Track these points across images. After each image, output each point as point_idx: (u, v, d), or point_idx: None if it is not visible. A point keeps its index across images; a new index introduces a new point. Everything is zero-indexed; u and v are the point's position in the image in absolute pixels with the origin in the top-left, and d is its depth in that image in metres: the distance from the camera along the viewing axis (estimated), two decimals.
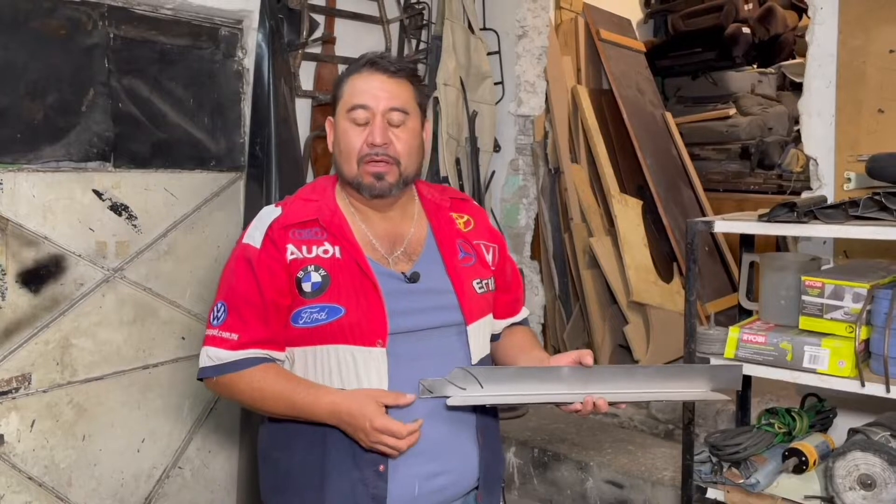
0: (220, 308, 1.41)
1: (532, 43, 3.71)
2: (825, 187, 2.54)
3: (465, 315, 1.47)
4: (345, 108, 1.43)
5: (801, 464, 2.03)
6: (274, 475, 1.48)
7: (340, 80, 1.48)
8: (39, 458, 2.13)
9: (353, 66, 1.47)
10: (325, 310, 1.37)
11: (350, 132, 1.42)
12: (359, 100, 1.42)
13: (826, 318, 1.93)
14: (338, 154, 1.46)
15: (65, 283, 2.17)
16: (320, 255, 1.40)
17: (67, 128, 2.16)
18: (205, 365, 1.41)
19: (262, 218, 1.45)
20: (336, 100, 1.47)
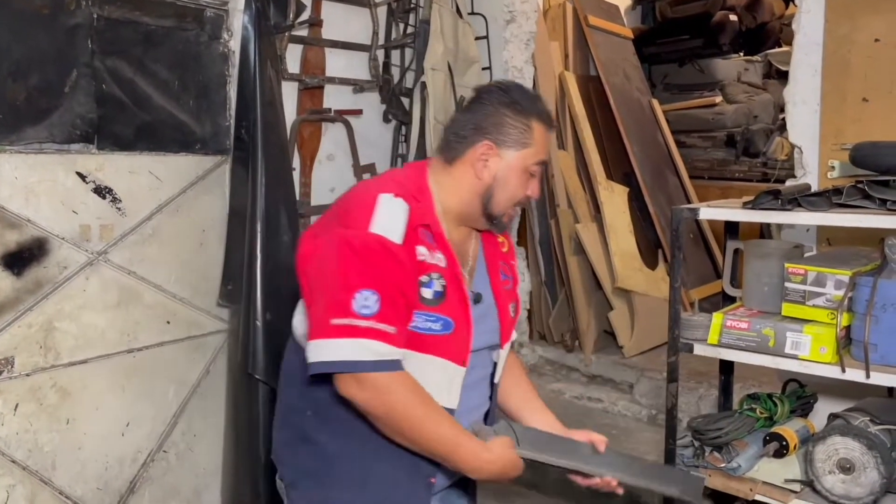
0: (367, 296, 1.27)
1: (520, 28, 3.70)
2: (809, 175, 2.56)
3: (502, 338, 1.53)
4: (533, 158, 1.45)
5: (781, 448, 2.06)
6: (314, 460, 1.43)
7: (527, 121, 1.45)
8: (23, 442, 2.12)
9: (541, 115, 1.47)
10: (441, 321, 1.35)
11: (523, 180, 1.46)
12: (544, 156, 1.48)
13: (808, 304, 1.95)
14: (498, 189, 1.44)
15: (48, 266, 2.15)
16: (438, 263, 1.37)
17: (50, 109, 2.13)
18: (363, 359, 1.26)
19: (395, 210, 1.34)
20: (515, 139, 1.44)
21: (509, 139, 1.44)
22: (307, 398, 1.44)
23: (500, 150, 1.44)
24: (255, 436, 2.43)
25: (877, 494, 1.87)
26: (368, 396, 1.29)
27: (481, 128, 1.44)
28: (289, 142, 2.68)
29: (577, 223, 3.81)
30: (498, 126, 1.44)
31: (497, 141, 1.44)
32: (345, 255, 1.30)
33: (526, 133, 1.44)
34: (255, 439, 2.44)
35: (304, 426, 1.45)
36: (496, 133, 1.44)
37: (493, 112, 1.45)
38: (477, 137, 1.44)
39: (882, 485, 1.86)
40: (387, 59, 3.15)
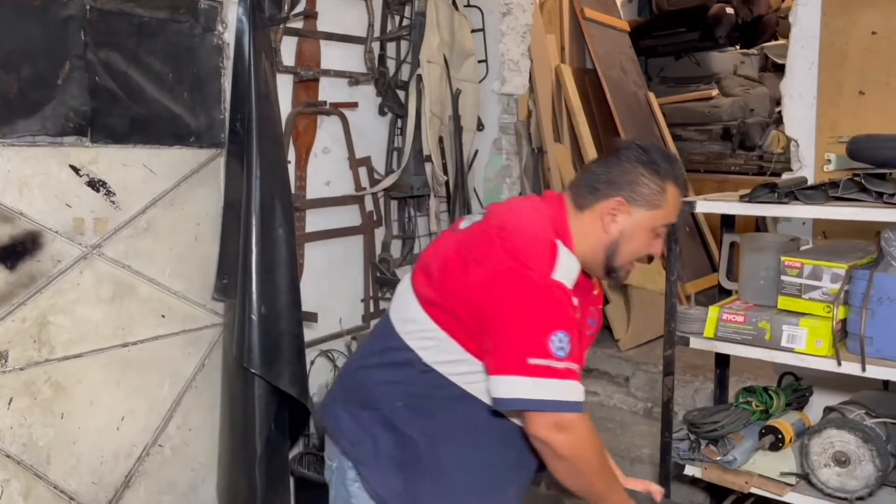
0: (562, 338, 1.33)
1: (516, 20, 3.68)
2: (806, 168, 2.56)
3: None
4: (662, 219, 1.50)
5: (777, 441, 2.06)
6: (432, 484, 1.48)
7: (663, 183, 1.49)
8: (17, 436, 2.11)
9: (676, 179, 1.50)
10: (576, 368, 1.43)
11: (650, 239, 1.51)
12: (674, 219, 1.53)
13: (804, 298, 1.96)
14: (625, 246, 1.48)
15: (42, 260, 2.14)
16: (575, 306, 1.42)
17: (43, 101, 2.11)
18: (566, 399, 1.34)
19: (571, 265, 1.42)
20: (649, 199, 1.47)
21: (641, 198, 1.48)
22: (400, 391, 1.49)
23: (630, 208, 1.48)
24: (251, 429, 2.43)
25: (872, 487, 1.88)
26: (564, 438, 1.35)
27: (615, 183, 1.48)
28: (284, 135, 2.67)
29: None
30: (632, 184, 1.48)
31: (629, 198, 1.48)
32: (537, 296, 1.35)
33: (659, 195, 1.48)
34: (250, 433, 2.43)
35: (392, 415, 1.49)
36: (629, 191, 1.48)
37: (630, 170, 1.49)
38: (610, 192, 1.48)
39: (877, 478, 1.87)
40: (382, 51, 3.13)
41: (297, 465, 2.74)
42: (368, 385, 1.53)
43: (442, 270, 1.45)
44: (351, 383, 1.59)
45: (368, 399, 1.52)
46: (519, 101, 3.76)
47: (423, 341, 1.46)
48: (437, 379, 1.44)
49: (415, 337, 1.47)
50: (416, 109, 3.16)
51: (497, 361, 1.36)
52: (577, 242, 1.47)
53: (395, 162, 3.23)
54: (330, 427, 1.57)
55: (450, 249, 1.47)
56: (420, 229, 3.37)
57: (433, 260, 1.50)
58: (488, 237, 1.42)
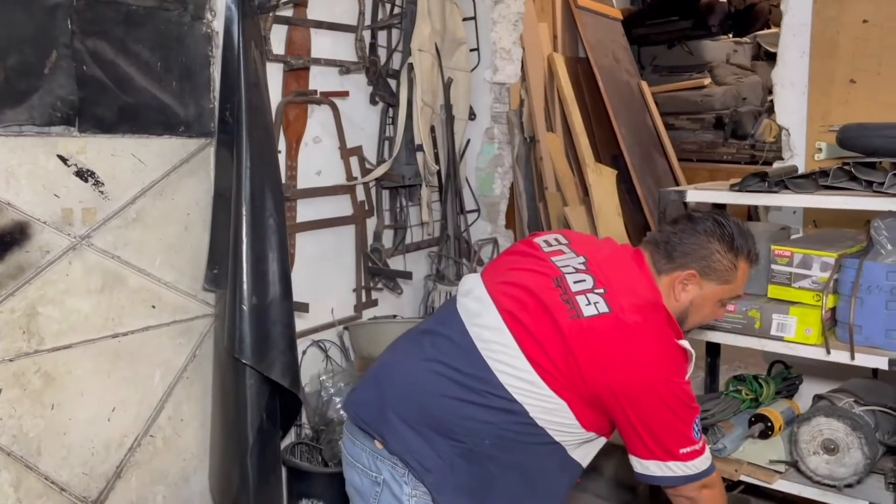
0: (698, 422, 1.56)
1: (508, 9, 3.67)
2: (797, 157, 2.56)
3: None
4: (729, 293, 1.61)
5: (766, 429, 2.07)
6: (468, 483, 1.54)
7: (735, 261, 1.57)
8: (7, 428, 2.10)
9: (749, 256, 1.60)
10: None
11: (716, 308, 1.64)
12: (741, 292, 1.65)
13: (794, 286, 1.96)
14: (694, 313, 1.60)
15: (30, 251, 2.12)
16: None
17: (29, 91, 2.09)
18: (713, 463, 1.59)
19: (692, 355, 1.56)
20: (721, 274, 1.57)
21: (713, 273, 1.56)
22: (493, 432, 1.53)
23: (702, 281, 1.56)
24: (242, 419, 2.43)
25: (861, 475, 1.89)
26: (709, 493, 1.58)
27: (691, 255, 1.56)
28: (274, 124, 2.65)
29: (565, 206, 3.81)
30: (707, 258, 1.56)
31: (702, 272, 1.56)
32: (685, 401, 1.53)
33: (731, 271, 1.57)
34: (242, 423, 2.43)
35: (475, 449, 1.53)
36: (703, 264, 1.56)
37: (705, 243, 1.56)
38: (686, 262, 1.56)
39: (866, 465, 1.88)
40: (373, 40, 3.11)
41: (288, 455, 2.74)
42: (453, 418, 1.52)
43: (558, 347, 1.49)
44: (416, 400, 1.56)
45: (451, 429, 1.52)
46: (511, 90, 3.75)
47: (534, 399, 1.50)
48: (536, 430, 1.51)
49: (523, 393, 1.50)
50: (408, 98, 3.15)
51: (646, 450, 1.54)
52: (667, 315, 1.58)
53: (387, 151, 3.22)
54: (394, 445, 1.54)
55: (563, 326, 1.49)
56: (412, 219, 3.37)
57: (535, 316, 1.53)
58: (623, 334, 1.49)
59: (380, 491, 1.54)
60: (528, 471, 1.55)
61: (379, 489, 1.54)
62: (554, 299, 1.51)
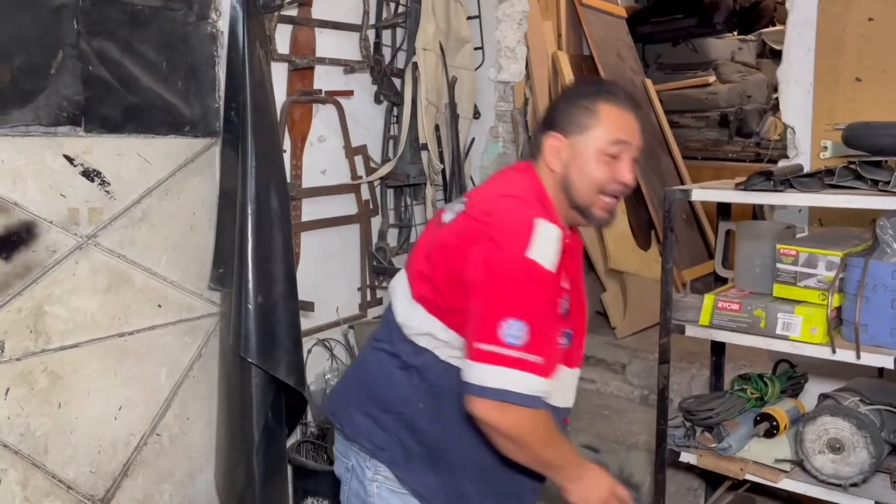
0: (516, 326, 1.28)
1: (512, 7, 3.66)
2: (802, 156, 2.55)
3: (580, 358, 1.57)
4: (604, 139, 1.43)
5: (772, 428, 2.07)
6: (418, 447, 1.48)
7: (589, 104, 1.44)
8: (15, 426, 2.12)
9: (607, 97, 1.46)
10: (567, 335, 1.43)
11: (601, 164, 1.43)
12: (622, 135, 1.44)
13: (800, 285, 1.96)
14: (575, 177, 1.44)
15: (37, 250, 2.13)
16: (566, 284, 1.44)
17: (36, 91, 2.10)
18: (511, 389, 1.28)
19: (551, 236, 1.34)
20: (579, 124, 1.44)
21: (573, 126, 1.45)
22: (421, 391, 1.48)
23: (567, 139, 1.45)
24: (248, 418, 2.44)
25: (866, 474, 1.89)
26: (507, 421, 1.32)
27: (549, 121, 1.49)
28: (279, 123, 2.66)
29: None
30: (563, 116, 1.47)
31: (563, 130, 1.46)
32: (497, 280, 1.32)
33: (589, 115, 1.44)
34: (247, 421, 2.44)
35: (417, 421, 1.48)
36: (562, 123, 1.46)
37: (560, 105, 1.50)
38: (546, 131, 1.48)
39: (871, 464, 1.88)
40: (378, 39, 3.12)
41: (294, 454, 2.75)
42: (389, 389, 1.51)
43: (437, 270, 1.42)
44: (365, 385, 1.57)
45: (390, 402, 1.51)
46: (515, 88, 3.74)
47: (436, 341, 1.45)
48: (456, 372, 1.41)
49: (425, 338, 1.46)
50: (412, 97, 3.15)
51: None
52: (554, 199, 1.46)
53: (391, 150, 3.22)
54: (348, 431, 1.56)
55: (439, 245, 1.44)
56: (416, 218, 3.37)
57: (423, 261, 1.48)
58: (475, 228, 1.39)
59: (349, 477, 1.57)
60: (470, 421, 1.40)
61: (349, 475, 1.57)
62: (428, 233, 1.53)
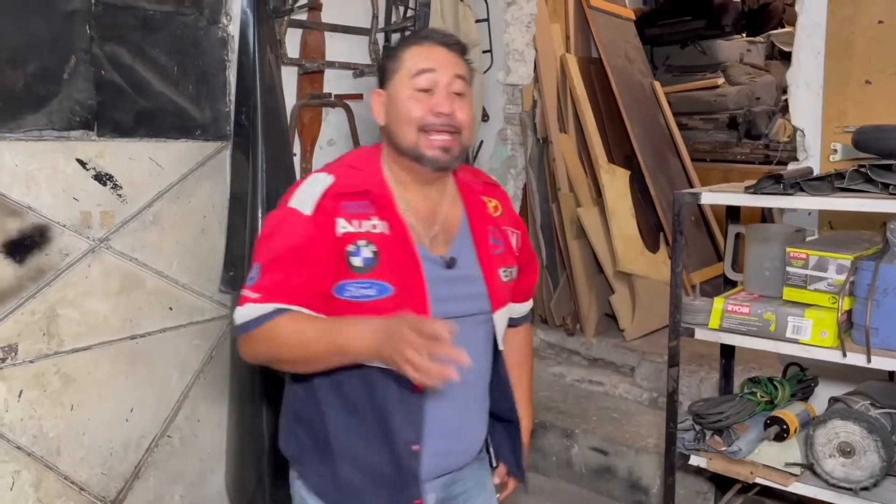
0: (255, 270, 1.36)
1: (521, 10, 3.67)
2: (812, 158, 2.55)
3: (492, 304, 1.48)
4: (407, 74, 1.41)
5: (782, 432, 2.07)
6: (306, 437, 1.48)
7: (395, 52, 1.46)
8: (28, 428, 2.14)
9: (409, 40, 1.47)
10: (375, 286, 1.35)
11: (412, 100, 1.40)
12: (425, 64, 1.40)
13: (810, 289, 1.96)
14: (394, 123, 1.42)
15: (50, 254, 2.15)
16: (370, 230, 1.37)
17: (49, 96, 2.12)
18: (236, 324, 1.36)
19: (314, 184, 1.40)
20: (389, 71, 1.44)
21: (385, 76, 1.46)
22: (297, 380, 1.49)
23: (385, 91, 1.46)
24: (258, 420, 2.45)
25: (877, 478, 1.88)
26: (257, 351, 1.37)
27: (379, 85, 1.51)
28: (289, 127, 2.67)
29: (578, 207, 3.80)
30: (379, 74, 1.49)
31: (381, 84, 1.47)
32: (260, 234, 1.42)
33: (397, 62, 1.44)
34: (258, 424, 2.45)
35: (297, 406, 1.51)
36: (380, 78, 1.48)
37: (381, 65, 1.50)
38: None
39: (882, 468, 1.87)
40: (387, 42, 3.12)
41: None
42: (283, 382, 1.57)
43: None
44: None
45: (285, 395, 1.56)
46: (524, 91, 3.75)
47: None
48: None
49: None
50: None
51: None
52: (386, 163, 1.46)
53: None
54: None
55: None
56: None
57: None
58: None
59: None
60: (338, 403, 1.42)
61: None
62: None
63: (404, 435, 1.38)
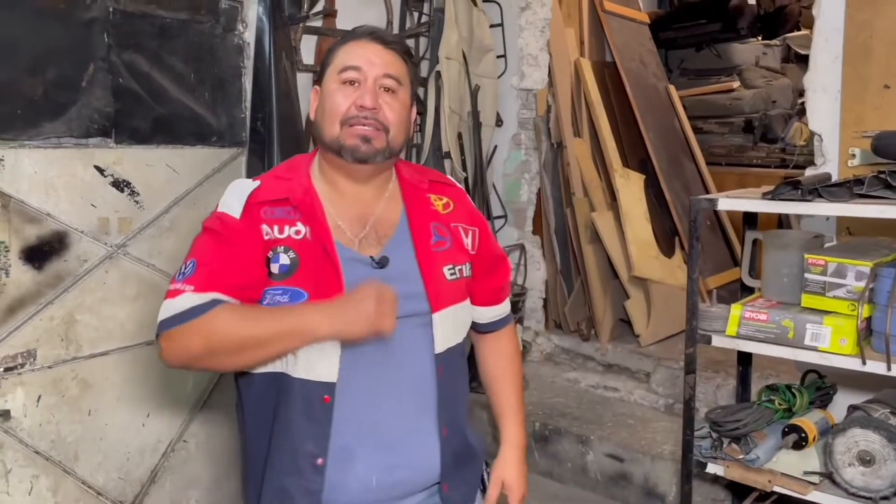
0: (188, 265, 1.30)
1: (535, 15, 3.67)
2: (829, 163, 2.53)
3: (432, 303, 1.39)
4: (335, 70, 1.38)
5: (800, 440, 2.05)
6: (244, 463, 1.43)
7: (332, 49, 1.43)
8: (46, 433, 2.15)
9: (347, 36, 1.43)
10: (288, 293, 1.30)
11: (338, 93, 1.37)
12: (352, 61, 1.37)
13: (828, 295, 1.94)
14: (321, 117, 1.40)
15: (68, 260, 2.17)
16: (292, 236, 1.34)
17: (68, 104, 2.14)
18: (164, 317, 1.26)
19: (240, 188, 1.38)
20: (325, 67, 1.42)
21: (322, 72, 1.43)
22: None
23: (320, 86, 1.43)
24: None
25: None
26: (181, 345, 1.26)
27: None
28: (304, 133, 2.68)
29: (592, 211, 3.79)
30: (320, 69, 1.45)
31: (318, 82, 1.44)
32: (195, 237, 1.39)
33: (332, 56, 1.41)
34: None
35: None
36: (319, 75, 1.45)
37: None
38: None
39: None
40: None
41: None
42: None
43: None
44: None
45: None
46: (538, 95, 3.75)
47: None
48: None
49: None
50: (435, 106, 3.17)
51: None
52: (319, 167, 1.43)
53: (414, 158, 3.23)
54: None
55: None
56: None
57: None
58: None
59: None
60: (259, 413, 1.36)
61: None
62: None
63: (306, 447, 1.30)
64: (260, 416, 1.36)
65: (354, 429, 1.32)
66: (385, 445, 1.34)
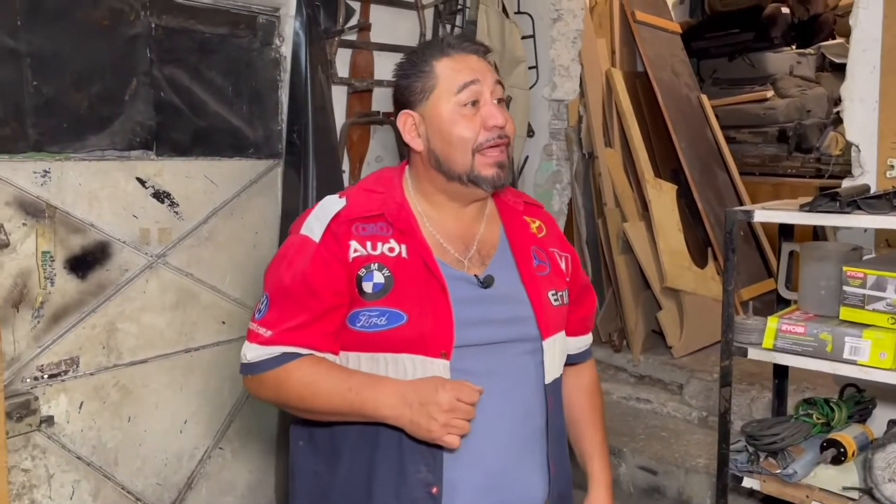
0: (264, 301, 1.29)
1: (567, 26, 3.68)
2: (867, 175, 2.50)
3: (542, 329, 1.32)
4: (448, 90, 1.28)
5: (839, 455, 2.02)
6: (312, 493, 1.35)
7: (420, 67, 1.32)
8: (87, 439, 2.20)
9: (432, 52, 1.33)
10: (386, 314, 1.23)
11: (461, 119, 1.28)
12: (467, 77, 1.28)
13: (868, 309, 1.91)
14: (441, 147, 1.29)
15: (110, 269, 2.23)
16: (385, 253, 1.27)
17: (111, 117, 2.20)
18: (243, 361, 1.29)
19: (325, 208, 1.31)
20: (419, 90, 1.31)
21: (417, 96, 1.32)
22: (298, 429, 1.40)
23: (415, 112, 1.32)
24: None
25: None
26: (262, 392, 1.30)
27: (398, 104, 1.36)
28: (339, 144, 2.72)
29: (624, 222, 3.78)
30: (405, 93, 1.34)
31: (410, 104, 1.33)
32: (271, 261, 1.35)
33: (428, 78, 1.31)
34: None
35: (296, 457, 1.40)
36: (407, 98, 1.33)
37: (400, 83, 1.35)
38: (397, 113, 1.36)
39: None
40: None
41: None
42: None
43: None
44: None
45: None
46: (569, 106, 3.75)
47: None
48: None
49: None
50: None
51: None
52: (417, 181, 1.35)
53: None
54: None
55: None
56: None
57: None
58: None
59: None
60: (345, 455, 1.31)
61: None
62: None
63: (419, 476, 1.23)
64: (356, 442, 1.28)
65: (457, 461, 1.24)
66: (490, 481, 1.27)
